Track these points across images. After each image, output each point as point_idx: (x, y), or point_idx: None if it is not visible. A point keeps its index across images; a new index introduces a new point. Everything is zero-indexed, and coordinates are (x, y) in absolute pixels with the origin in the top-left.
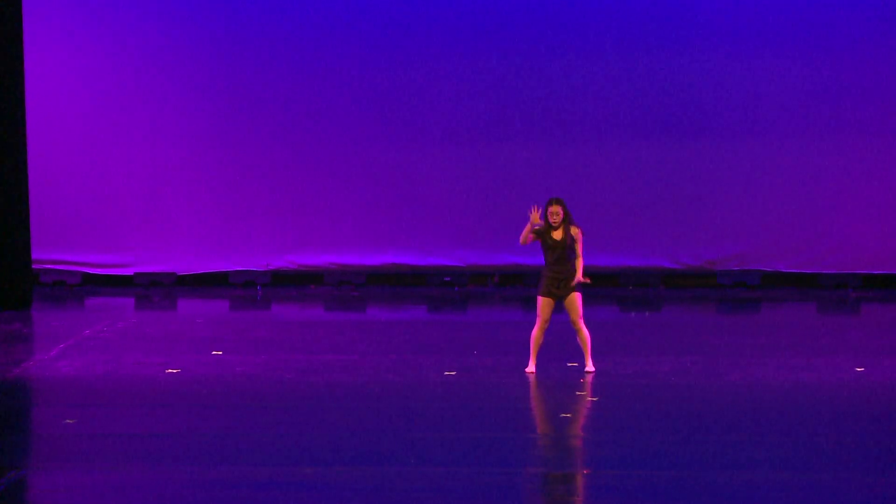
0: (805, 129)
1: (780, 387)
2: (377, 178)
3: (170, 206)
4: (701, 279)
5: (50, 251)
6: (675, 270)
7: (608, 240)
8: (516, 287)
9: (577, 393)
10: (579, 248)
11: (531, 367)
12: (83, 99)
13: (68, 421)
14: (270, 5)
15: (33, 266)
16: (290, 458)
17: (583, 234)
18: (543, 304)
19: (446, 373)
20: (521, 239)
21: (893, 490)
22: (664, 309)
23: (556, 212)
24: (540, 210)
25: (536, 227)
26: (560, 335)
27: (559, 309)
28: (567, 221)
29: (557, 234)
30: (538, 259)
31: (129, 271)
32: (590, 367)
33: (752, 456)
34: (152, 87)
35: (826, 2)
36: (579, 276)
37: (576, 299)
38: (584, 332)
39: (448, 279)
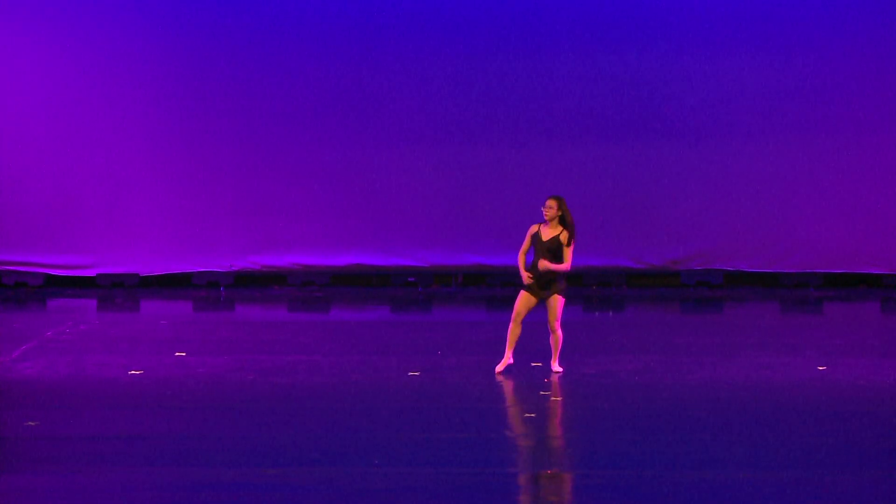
0: (767, 129)
1: (743, 385)
2: (340, 178)
3: (132, 207)
4: (664, 279)
5: (11, 252)
6: (638, 270)
7: None
8: (480, 287)
9: (542, 393)
10: (566, 255)
11: (501, 365)
12: (44, 99)
13: (30, 423)
14: (233, 6)
15: None
16: (254, 459)
17: (573, 241)
18: (521, 297)
19: (410, 373)
20: (521, 265)
21: (857, 488)
22: (627, 308)
23: (549, 205)
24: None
25: (531, 230)
26: (525, 335)
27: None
28: (563, 223)
29: (546, 234)
30: (501, 259)
31: (91, 272)
32: (556, 367)
33: (715, 455)
34: (114, 87)
35: (789, 4)
36: (551, 265)
37: (557, 303)
38: (559, 333)
39: (412, 279)
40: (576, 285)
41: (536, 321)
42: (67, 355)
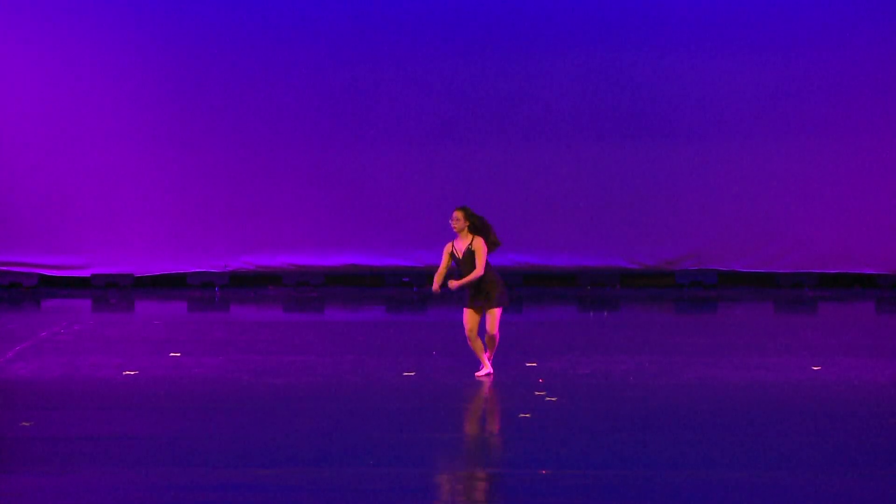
0: (762, 130)
1: (737, 386)
2: (335, 179)
3: (127, 207)
4: (658, 279)
5: (6, 253)
6: (632, 270)
7: (566, 240)
8: None
9: (536, 393)
10: (478, 260)
11: (482, 371)
12: (38, 100)
13: (25, 423)
14: (225, 7)
15: None
16: (248, 459)
17: (485, 247)
18: (467, 315)
19: (405, 373)
20: (436, 282)
21: (852, 488)
22: (622, 308)
23: (455, 217)
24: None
25: (447, 249)
26: (517, 335)
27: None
28: (473, 231)
29: (460, 248)
30: (497, 260)
31: (85, 273)
32: (488, 368)
33: (710, 455)
34: (109, 88)
35: (785, 4)
36: (456, 282)
37: (495, 314)
38: (496, 337)
39: (406, 280)
40: (570, 286)
41: (529, 321)
42: (62, 356)
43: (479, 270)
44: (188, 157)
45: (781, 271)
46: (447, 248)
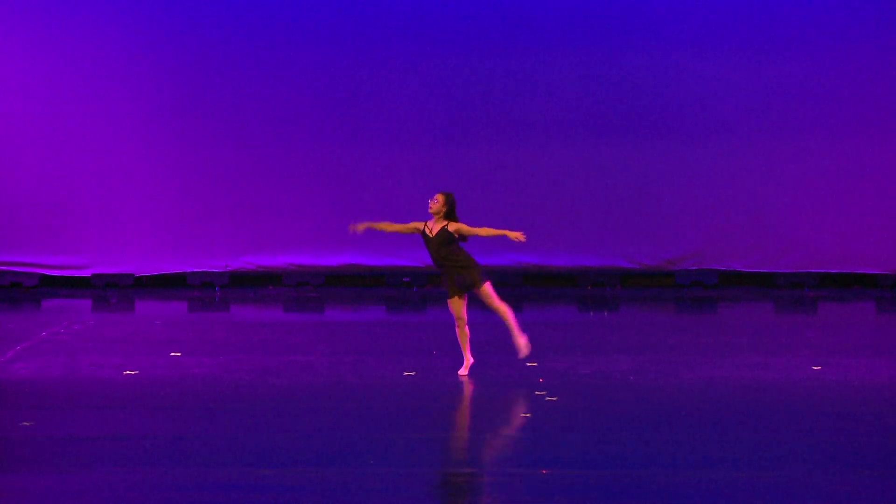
0: (762, 129)
1: (738, 385)
2: (335, 179)
3: (127, 207)
4: (659, 279)
5: (6, 252)
6: (632, 270)
7: (566, 240)
8: None
9: (537, 393)
10: (472, 230)
11: (464, 368)
12: (38, 99)
13: (25, 423)
14: (225, 8)
15: None
16: (248, 459)
17: (468, 227)
18: (451, 303)
19: (405, 373)
20: (370, 224)
21: (852, 488)
22: (622, 309)
23: (436, 199)
24: (362, 227)
25: (416, 224)
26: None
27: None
28: (449, 217)
29: (433, 229)
30: (497, 259)
31: (86, 273)
32: (522, 339)
33: (710, 455)
34: (109, 87)
35: (781, 4)
36: (510, 233)
37: (487, 292)
38: (503, 307)
39: (407, 279)
40: (570, 286)
41: (529, 321)
42: (62, 356)
43: (486, 230)
44: (188, 157)
45: (782, 271)
46: (418, 224)
